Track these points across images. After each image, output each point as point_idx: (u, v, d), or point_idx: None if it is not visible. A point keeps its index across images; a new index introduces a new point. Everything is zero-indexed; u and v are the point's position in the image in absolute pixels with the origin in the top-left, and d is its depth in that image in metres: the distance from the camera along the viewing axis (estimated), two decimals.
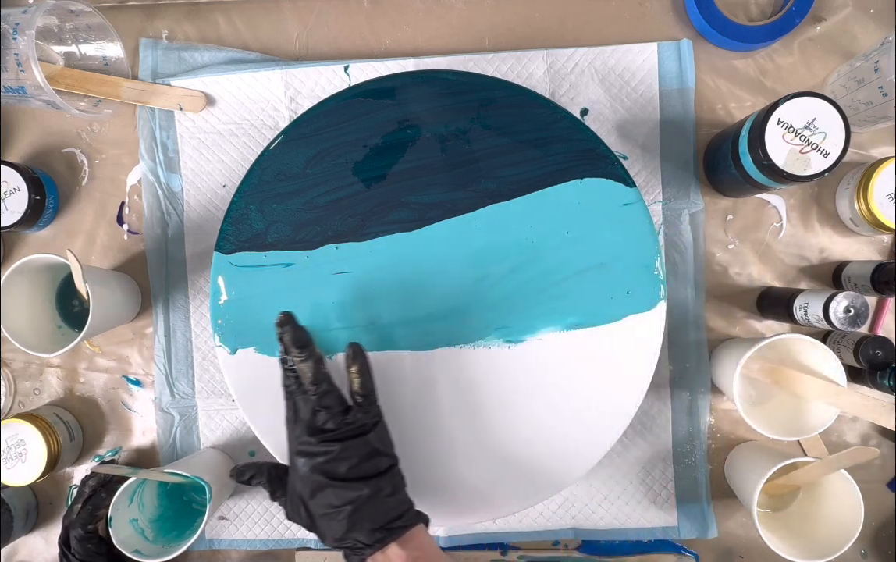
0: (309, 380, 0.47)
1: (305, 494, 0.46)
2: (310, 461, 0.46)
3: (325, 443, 0.46)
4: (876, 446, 0.64)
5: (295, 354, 0.47)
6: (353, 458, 0.46)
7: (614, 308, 0.53)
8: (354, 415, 0.47)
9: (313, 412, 0.47)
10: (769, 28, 0.61)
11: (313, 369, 0.47)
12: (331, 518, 0.45)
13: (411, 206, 0.53)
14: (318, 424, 0.47)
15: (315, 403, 0.47)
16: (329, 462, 0.45)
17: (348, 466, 0.45)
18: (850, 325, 0.55)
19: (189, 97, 0.65)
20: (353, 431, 0.46)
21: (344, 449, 0.46)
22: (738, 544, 0.65)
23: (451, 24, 0.65)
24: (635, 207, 0.53)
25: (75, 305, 0.65)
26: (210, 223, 0.66)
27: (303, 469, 0.46)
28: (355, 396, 0.48)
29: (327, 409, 0.47)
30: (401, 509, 0.46)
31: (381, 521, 0.45)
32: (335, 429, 0.46)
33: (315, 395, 0.47)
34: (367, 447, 0.46)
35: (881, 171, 0.57)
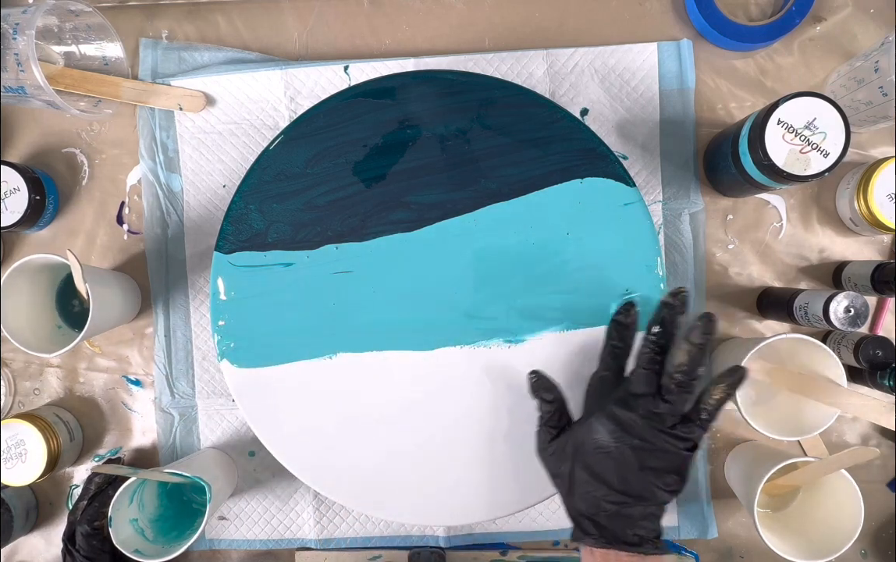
0: (685, 369, 0.43)
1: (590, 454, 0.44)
2: (624, 437, 0.44)
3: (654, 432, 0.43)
4: (876, 446, 0.64)
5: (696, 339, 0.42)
6: (666, 463, 0.43)
7: (614, 308, 0.53)
8: (693, 427, 0.44)
9: (654, 397, 0.44)
10: (769, 28, 0.61)
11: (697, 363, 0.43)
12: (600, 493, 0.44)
13: (411, 206, 0.53)
14: (658, 411, 0.43)
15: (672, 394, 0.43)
16: (643, 451, 0.43)
17: (657, 466, 0.43)
18: (850, 325, 0.55)
19: (189, 97, 0.65)
20: (683, 443, 0.43)
21: (666, 451, 0.43)
22: (738, 544, 0.65)
23: (451, 24, 0.65)
24: (635, 207, 0.53)
25: (75, 305, 0.65)
26: (210, 223, 0.66)
27: (606, 436, 0.44)
28: (703, 411, 0.44)
29: (674, 405, 0.43)
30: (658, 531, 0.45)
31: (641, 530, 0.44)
32: (670, 428, 0.43)
33: (678, 386, 0.43)
34: (682, 464, 0.44)
35: (881, 171, 0.57)
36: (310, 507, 0.66)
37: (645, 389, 0.44)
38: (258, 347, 0.54)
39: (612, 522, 0.44)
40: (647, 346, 0.45)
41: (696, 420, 0.44)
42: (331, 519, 0.66)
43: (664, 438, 0.43)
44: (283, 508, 0.67)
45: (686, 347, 0.43)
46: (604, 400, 0.46)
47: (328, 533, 0.66)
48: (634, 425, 0.44)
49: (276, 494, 0.67)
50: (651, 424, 0.43)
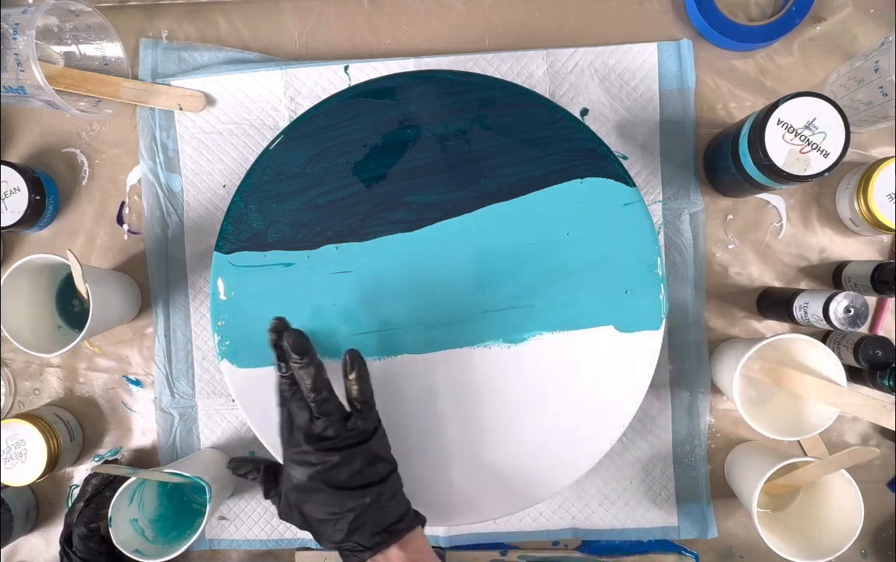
0: (308, 387, 0.46)
1: (302, 500, 0.46)
2: (308, 470, 0.45)
3: (324, 452, 0.45)
4: (876, 446, 0.64)
5: (294, 361, 0.46)
6: (355, 465, 0.45)
7: (614, 308, 0.53)
8: (354, 422, 0.46)
9: (311, 420, 0.46)
10: (769, 28, 0.61)
11: (314, 376, 0.46)
12: (331, 524, 0.45)
13: (411, 206, 0.53)
14: (317, 431, 0.46)
15: (315, 410, 0.46)
16: (330, 470, 0.45)
17: (349, 473, 0.45)
18: (850, 325, 0.55)
19: (189, 97, 0.65)
20: (354, 438, 0.46)
21: (345, 457, 0.45)
22: (738, 544, 0.65)
23: (451, 24, 0.65)
24: (635, 207, 0.53)
25: (75, 305, 0.65)
26: (210, 223, 0.66)
27: (299, 478, 0.46)
28: (354, 402, 0.48)
29: (327, 416, 0.46)
30: (400, 512, 0.46)
31: (382, 525, 0.45)
32: (335, 437, 0.46)
33: (314, 402, 0.46)
34: (369, 455, 0.46)
35: (881, 171, 0.57)
36: None
37: (301, 419, 0.46)
38: (258, 347, 0.54)
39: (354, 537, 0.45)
40: (284, 381, 0.48)
41: (357, 415, 0.47)
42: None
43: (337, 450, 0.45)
44: None
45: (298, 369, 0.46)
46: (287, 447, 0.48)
47: None
48: (308, 454, 0.45)
49: None
50: (319, 445, 0.45)
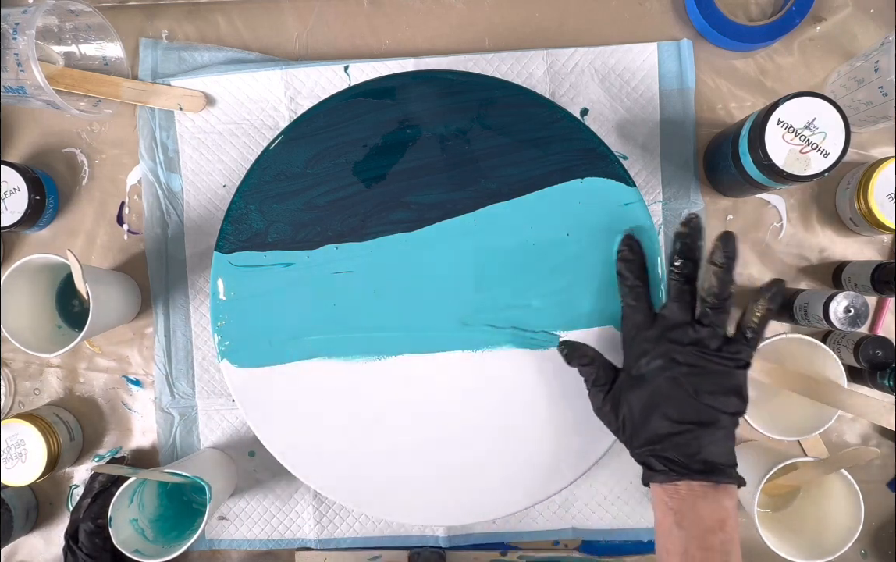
0: (716, 292, 0.44)
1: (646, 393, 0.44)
2: (673, 369, 0.44)
3: (699, 357, 0.43)
4: (876, 446, 0.64)
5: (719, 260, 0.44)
6: (718, 384, 0.43)
7: (615, 308, 0.53)
8: (738, 346, 0.44)
9: (692, 324, 0.45)
10: (769, 28, 0.61)
11: (727, 282, 0.44)
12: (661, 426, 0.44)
13: (411, 206, 0.53)
14: (699, 335, 0.44)
15: (709, 317, 0.44)
16: (693, 376, 0.43)
17: (710, 389, 0.43)
18: (850, 325, 0.55)
19: (189, 97, 0.65)
20: (732, 361, 0.44)
21: (715, 372, 0.43)
22: None
23: (451, 24, 0.65)
24: (635, 207, 0.53)
25: (75, 305, 0.65)
26: (210, 223, 0.66)
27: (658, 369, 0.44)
28: (748, 328, 0.45)
29: (714, 327, 0.44)
30: (729, 460, 0.44)
31: (709, 456, 0.43)
32: (716, 350, 0.44)
33: (713, 309, 0.44)
34: (735, 382, 0.44)
35: (881, 171, 0.57)
36: (310, 507, 0.66)
37: (681, 318, 0.45)
38: (258, 347, 0.54)
39: (678, 452, 0.43)
40: (673, 278, 0.46)
41: (742, 339, 0.45)
42: (331, 519, 0.66)
43: (712, 360, 0.44)
44: (283, 508, 0.67)
45: (712, 270, 0.44)
46: (644, 341, 0.47)
47: (328, 533, 0.66)
48: (680, 353, 0.44)
49: (276, 494, 0.67)
50: (696, 350, 0.44)
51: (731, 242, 0.45)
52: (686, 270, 0.46)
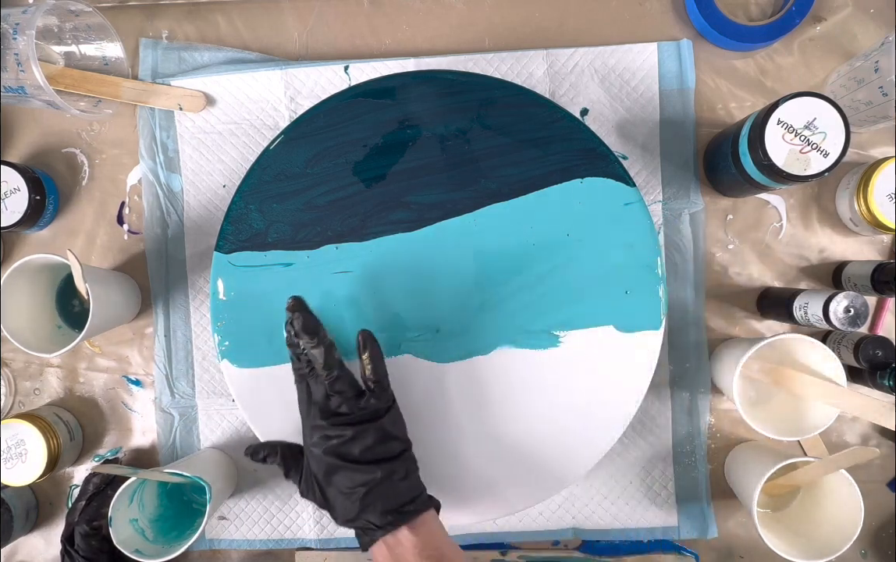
0: (321, 365, 0.47)
1: (319, 474, 0.47)
2: (323, 444, 0.46)
3: (338, 426, 0.46)
4: (876, 446, 0.64)
5: (306, 341, 0.47)
6: (367, 441, 0.46)
7: (615, 308, 0.53)
8: (367, 400, 0.47)
9: (326, 396, 0.47)
10: (769, 28, 0.61)
11: (325, 355, 0.47)
12: (344, 499, 0.46)
13: (411, 206, 0.53)
14: (332, 407, 0.47)
15: (328, 388, 0.47)
16: (343, 444, 0.46)
17: (361, 448, 0.46)
18: (850, 325, 0.55)
19: (189, 97, 0.65)
20: (367, 415, 0.47)
21: (357, 433, 0.46)
22: (738, 544, 0.65)
23: (451, 24, 0.65)
24: (635, 207, 0.53)
25: (75, 305, 0.65)
26: (210, 223, 0.66)
27: (316, 451, 0.47)
28: (368, 381, 0.49)
29: (340, 393, 0.47)
30: (413, 494, 0.47)
31: (393, 504, 0.46)
32: (349, 413, 0.47)
33: (328, 380, 0.47)
34: (381, 432, 0.47)
35: (881, 171, 0.57)
36: (310, 507, 0.66)
37: (318, 396, 0.48)
38: (258, 347, 0.54)
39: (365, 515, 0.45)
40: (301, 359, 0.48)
41: (370, 393, 0.48)
42: (331, 519, 0.66)
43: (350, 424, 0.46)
44: (283, 508, 0.67)
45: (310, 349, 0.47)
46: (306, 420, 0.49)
47: (328, 533, 0.66)
48: (325, 429, 0.46)
49: (276, 494, 0.67)
50: (334, 420, 0.47)
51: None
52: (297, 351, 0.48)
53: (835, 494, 0.57)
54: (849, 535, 0.54)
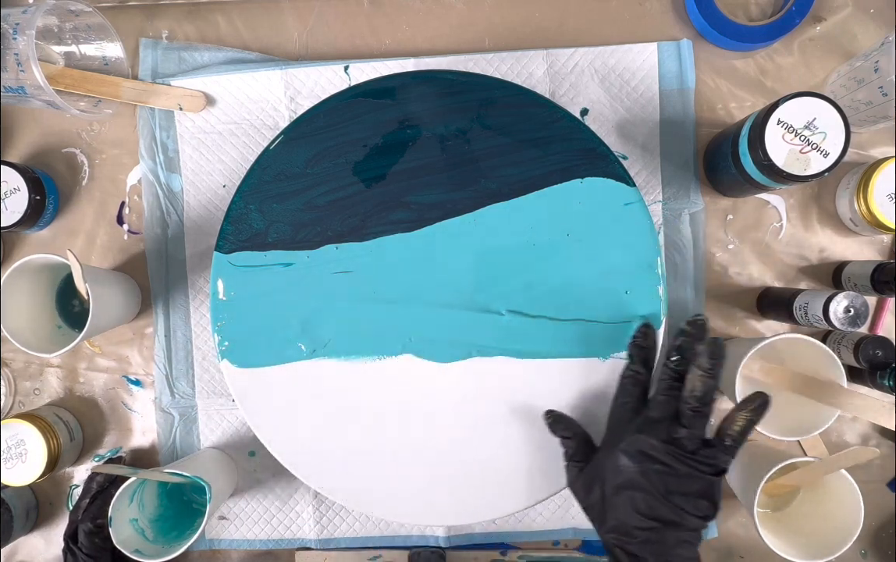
0: (697, 395, 0.44)
1: (615, 483, 0.45)
2: (646, 464, 0.44)
3: (674, 458, 0.43)
4: (876, 446, 0.64)
5: (704, 365, 0.44)
6: (692, 488, 0.43)
7: (615, 309, 0.53)
8: (715, 452, 0.44)
9: (672, 423, 0.45)
10: (769, 28, 0.61)
11: (709, 389, 0.44)
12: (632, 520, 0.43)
13: (411, 206, 0.53)
14: (676, 436, 0.44)
15: (687, 419, 0.44)
16: (668, 476, 0.43)
17: (682, 491, 0.43)
18: (850, 325, 0.55)
19: (189, 97, 0.65)
20: (707, 466, 0.44)
21: (689, 475, 0.43)
22: (738, 544, 0.65)
23: (451, 24, 0.65)
24: (635, 207, 0.53)
25: (75, 305, 0.65)
26: (210, 223, 0.66)
27: (631, 465, 0.44)
28: (728, 436, 0.44)
29: (693, 429, 0.44)
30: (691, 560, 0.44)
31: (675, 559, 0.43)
32: (691, 452, 0.44)
33: (693, 411, 0.44)
34: (709, 488, 0.44)
35: (881, 171, 0.57)
36: (310, 507, 0.66)
37: (663, 414, 0.45)
38: (258, 347, 0.54)
39: (643, 549, 0.43)
40: (666, 373, 0.46)
41: (720, 445, 0.44)
42: (331, 519, 0.66)
43: (685, 462, 0.43)
44: (283, 508, 0.67)
45: (697, 374, 0.44)
46: (626, 427, 0.47)
47: (328, 533, 0.66)
48: (655, 450, 0.44)
49: (276, 494, 0.67)
50: (671, 449, 0.44)
51: (719, 349, 0.44)
52: (681, 367, 0.46)
53: (835, 494, 0.57)
54: (849, 535, 0.54)
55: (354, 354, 0.54)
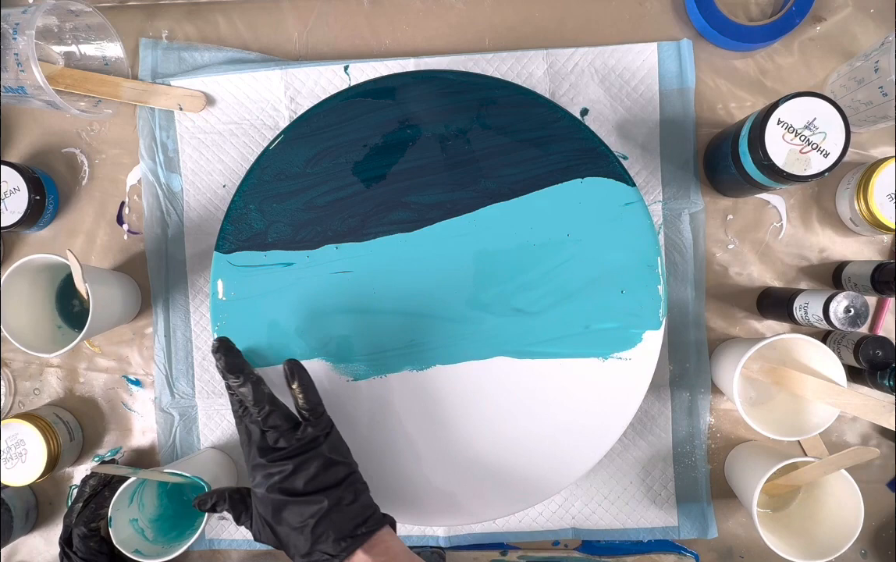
0: (251, 402, 0.47)
1: (268, 515, 0.46)
2: (266, 482, 0.46)
3: (278, 461, 0.46)
4: (876, 446, 0.64)
5: (232, 380, 0.47)
6: (310, 471, 0.45)
7: (614, 309, 0.53)
8: (304, 430, 0.47)
9: (262, 433, 0.47)
10: (769, 28, 0.61)
11: (253, 392, 0.47)
12: (296, 534, 0.45)
13: (411, 206, 0.53)
14: (270, 443, 0.47)
15: (261, 425, 0.47)
16: (285, 479, 0.45)
17: (305, 480, 0.45)
18: (850, 325, 0.55)
19: (189, 97, 0.65)
20: (305, 446, 0.46)
21: (298, 464, 0.46)
22: (738, 544, 0.65)
23: (451, 24, 0.65)
24: (635, 207, 0.53)
25: (75, 305, 0.65)
26: (210, 223, 0.66)
27: (260, 491, 0.46)
28: (302, 411, 0.48)
29: (275, 428, 0.47)
30: (364, 515, 0.46)
31: (345, 530, 0.45)
32: (287, 446, 0.46)
33: (260, 417, 0.47)
34: (322, 459, 0.46)
35: (881, 171, 0.57)
36: None
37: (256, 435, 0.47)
38: (258, 347, 0.54)
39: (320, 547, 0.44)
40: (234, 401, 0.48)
41: (304, 422, 0.47)
42: None
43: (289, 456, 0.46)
44: None
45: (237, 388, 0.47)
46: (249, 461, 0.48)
47: None
48: (266, 467, 0.46)
49: None
50: (273, 456, 0.46)
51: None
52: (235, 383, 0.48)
53: (835, 494, 0.57)
54: (849, 535, 0.54)
55: (354, 355, 0.54)
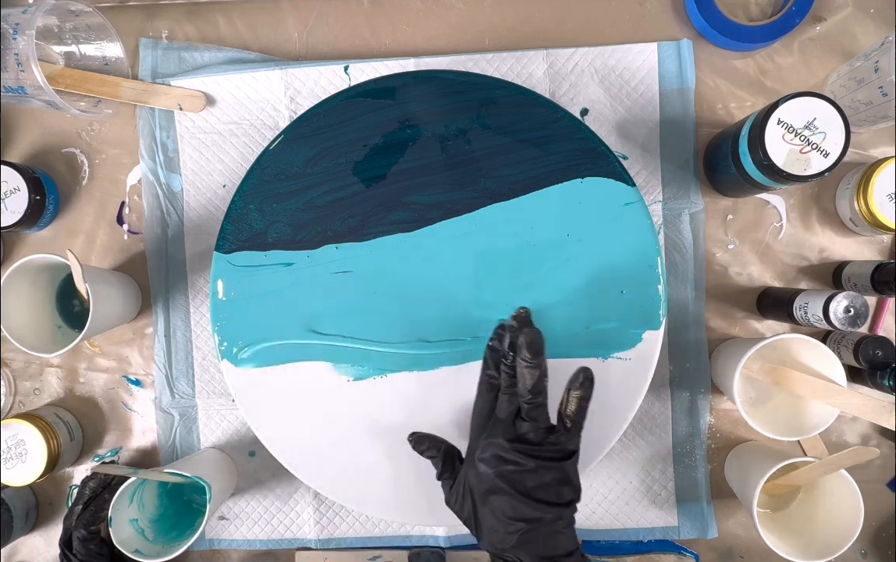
0: (528, 387, 0.44)
1: (480, 491, 0.45)
2: (497, 464, 0.44)
3: (521, 454, 0.44)
4: (876, 446, 0.64)
5: (525, 358, 0.43)
6: (546, 479, 0.44)
7: (614, 309, 0.53)
8: (559, 437, 0.44)
9: (515, 418, 0.45)
10: (769, 28, 0.61)
11: (537, 378, 0.44)
12: (500, 526, 0.44)
13: (411, 206, 0.53)
14: (520, 431, 0.45)
15: (525, 412, 0.45)
16: (520, 474, 0.44)
17: (537, 484, 0.43)
18: (850, 325, 0.55)
19: (189, 97, 0.65)
20: (554, 452, 0.44)
21: (539, 467, 0.44)
22: (738, 544, 0.65)
23: (451, 24, 0.65)
24: (635, 207, 0.53)
25: (75, 305, 0.65)
26: (210, 223, 0.66)
27: (485, 468, 0.45)
28: (567, 418, 0.45)
29: (535, 421, 0.45)
30: (569, 547, 0.44)
31: (550, 551, 0.43)
32: (537, 444, 0.44)
33: (528, 404, 0.44)
34: (561, 473, 0.44)
35: (881, 171, 0.57)
36: (310, 507, 0.66)
37: (507, 413, 0.46)
38: (258, 347, 0.54)
39: (519, 552, 0.43)
40: (505, 370, 0.46)
41: (563, 430, 0.45)
42: (331, 519, 0.66)
43: (533, 455, 0.44)
44: (283, 508, 0.67)
45: (523, 366, 0.44)
46: (481, 432, 0.47)
47: (328, 533, 0.66)
48: (504, 451, 0.44)
49: (276, 494, 0.67)
50: (517, 445, 0.44)
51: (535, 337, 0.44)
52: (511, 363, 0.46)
53: (835, 494, 0.57)
54: (849, 535, 0.54)
55: (354, 355, 0.54)
